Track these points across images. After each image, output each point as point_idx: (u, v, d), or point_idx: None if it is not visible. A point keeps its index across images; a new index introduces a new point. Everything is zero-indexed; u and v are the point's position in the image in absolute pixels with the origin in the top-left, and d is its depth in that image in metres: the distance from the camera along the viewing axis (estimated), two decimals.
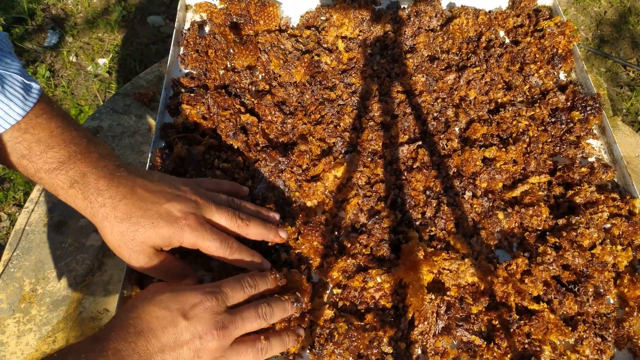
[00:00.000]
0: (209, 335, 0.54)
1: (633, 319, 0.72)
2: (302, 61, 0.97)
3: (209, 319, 0.55)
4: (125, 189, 0.59)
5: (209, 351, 0.55)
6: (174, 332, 0.53)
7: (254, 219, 0.69)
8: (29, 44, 2.18)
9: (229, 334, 0.56)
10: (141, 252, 0.60)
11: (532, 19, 1.06)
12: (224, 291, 0.58)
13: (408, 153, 0.87)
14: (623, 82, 2.26)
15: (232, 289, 0.59)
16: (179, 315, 0.54)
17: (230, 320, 0.57)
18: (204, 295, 0.56)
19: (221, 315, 0.56)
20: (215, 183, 0.73)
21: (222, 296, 0.58)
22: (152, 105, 1.01)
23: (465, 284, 0.73)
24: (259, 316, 0.60)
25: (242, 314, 0.59)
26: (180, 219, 0.60)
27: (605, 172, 0.85)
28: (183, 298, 0.56)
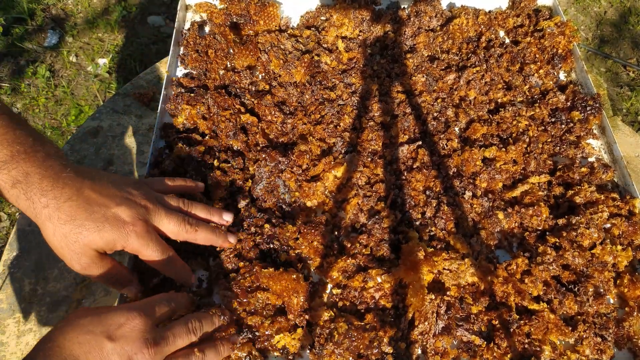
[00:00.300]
0: (140, 354, 0.53)
1: (633, 319, 0.72)
2: (302, 61, 0.97)
3: (137, 338, 0.53)
4: (71, 190, 0.58)
5: None
6: (99, 357, 0.51)
7: (202, 225, 0.69)
8: (29, 44, 2.18)
9: (161, 351, 0.55)
10: (83, 255, 0.59)
11: (532, 19, 1.06)
12: (150, 307, 0.58)
13: (408, 153, 0.87)
14: (623, 82, 2.26)
15: (159, 306, 0.59)
16: (104, 338, 0.52)
17: (161, 337, 0.56)
18: (129, 313, 0.55)
19: (150, 332, 0.55)
20: (166, 183, 0.72)
21: (149, 313, 0.57)
22: (152, 105, 1.01)
23: (465, 284, 0.73)
24: (189, 331, 0.59)
25: (172, 330, 0.58)
26: (127, 225, 0.60)
27: (605, 172, 0.85)
28: (107, 320, 0.54)
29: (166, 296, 0.63)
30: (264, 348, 0.69)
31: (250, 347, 0.68)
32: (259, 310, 0.70)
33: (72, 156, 0.94)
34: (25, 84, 2.06)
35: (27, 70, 2.09)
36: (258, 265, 0.72)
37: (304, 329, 0.69)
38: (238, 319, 0.69)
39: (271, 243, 0.76)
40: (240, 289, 0.70)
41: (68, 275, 0.81)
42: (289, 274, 0.70)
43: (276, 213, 0.80)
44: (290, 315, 0.69)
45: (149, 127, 0.98)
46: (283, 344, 0.68)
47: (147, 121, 0.99)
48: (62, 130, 1.96)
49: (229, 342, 0.66)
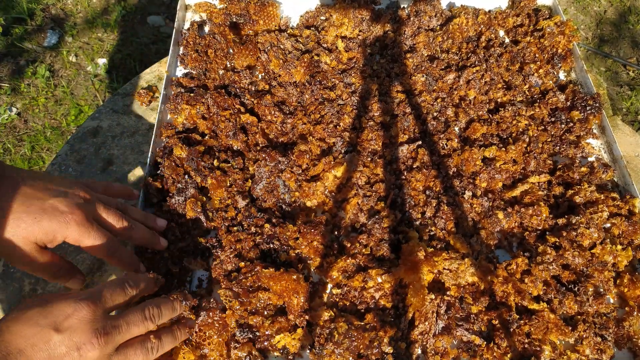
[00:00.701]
0: (89, 345, 0.51)
1: (633, 319, 0.72)
2: (302, 61, 0.97)
3: (85, 328, 0.52)
4: (8, 187, 0.58)
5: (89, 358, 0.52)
6: (46, 349, 0.50)
7: (138, 225, 0.69)
8: (28, 44, 2.18)
9: (112, 340, 0.54)
10: (23, 248, 0.58)
11: (532, 19, 1.06)
12: (101, 295, 0.56)
13: (408, 153, 0.87)
14: (623, 82, 2.26)
15: (111, 292, 0.57)
16: (50, 329, 0.50)
17: (113, 326, 0.54)
18: (77, 303, 0.53)
19: (100, 322, 0.53)
20: (105, 185, 0.73)
21: (99, 302, 0.55)
22: (152, 105, 1.01)
23: (465, 284, 0.73)
24: (145, 318, 0.58)
25: (126, 317, 0.56)
26: (66, 214, 0.59)
27: (605, 172, 0.85)
28: (53, 310, 0.52)
29: (121, 280, 0.60)
30: (264, 348, 0.69)
31: (250, 347, 0.68)
32: (260, 310, 0.70)
33: (72, 156, 0.94)
34: (25, 84, 2.06)
35: (27, 70, 2.09)
36: (259, 265, 0.72)
37: (304, 329, 0.69)
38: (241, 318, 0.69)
39: (271, 243, 0.76)
40: (242, 289, 0.71)
41: None
42: (289, 274, 0.70)
43: (276, 213, 0.80)
44: (290, 316, 0.69)
45: (149, 127, 0.98)
46: (283, 344, 0.68)
47: (147, 121, 0.99)
48: (62, 130, 1.96)
49: (186, 326, 0.65)
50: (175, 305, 0.63)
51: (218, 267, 0.74)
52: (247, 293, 0.70)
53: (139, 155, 0.94)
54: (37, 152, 1.90)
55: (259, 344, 0.68)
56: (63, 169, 0.92)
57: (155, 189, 0.81)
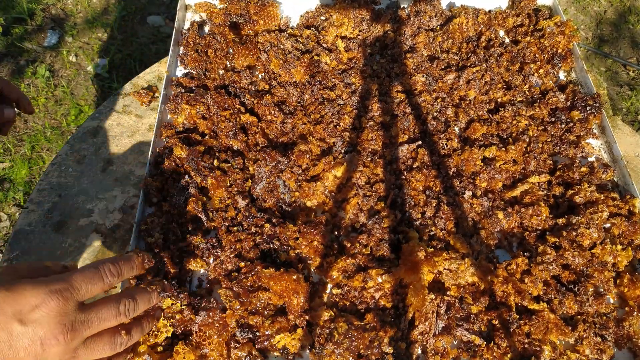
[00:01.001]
0: (53, 340, 0.48)
1: (633, 319, 0.72)
2: (302, 61, 0.97)
3: (52, 323, 0.48)
4: None
5: (53, 356, 0.49)
6: (8, 339, 0.47)
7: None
8: (28, 44, 2.18)
9: (79, 336, 0.50)
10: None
11: (532, 19, 1.06)
12: (74, 286, 0.50)
13: (408, 153, 0.87)
14: (623, 82, 2.26)
15: (87, 282, 0.52)
16: (14, 320, 0.47)
17: (82, 321, 0.50)
18: (47, 294, 0.48)
19: (70, 315, 0.49)
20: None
21: (71, 293, 0.50)
22: (152, 105, 1.01)
23: (465, 284, 0.73)
24: (119, 313, 0.54)
25: (99, 312, 0.52)
26: None
27: (605, 172, 0.85)
28: (20, 299, 0.47)
29: (100, 268, 0.54)
30: (264, 348, 0.69)
31: (250, 347, 0.68)
32: (260, 310, 0.70)
33: (72, 156, 0.94)
34: (25, 84, 2.06)
35: (27, 70, 2.09)
36: (260, 265, 0.72)
37: (304, 329, 0.69)
38: (240, 316, 0.69)
39: (271, 243, 0.76)
40: (242, 289, 0.71)
41: None
42: (289, 275, 0.70)
43: (276, 213, 0.80)
44: (290, 316, 0.69)
45: (149, 127, 0.98)
46: (283, 344, 0.68)
47: (147, 121, 0.99)
48: (62, 130, 1.96)
49: (154, 318, 0.62)
50: (152, 297, 0.60)
51: (218, 267, 0.74)
52: (247, 293, 0.70)
53: (138, 155, 0.94)
54: (37, 152, 1.90)
55: (259, 344, 0.68)
56: (63, 168, 0.93)
57: (155, 189, 0.81)
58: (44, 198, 0.89)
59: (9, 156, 1.88)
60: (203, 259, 0.75)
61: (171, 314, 0.68)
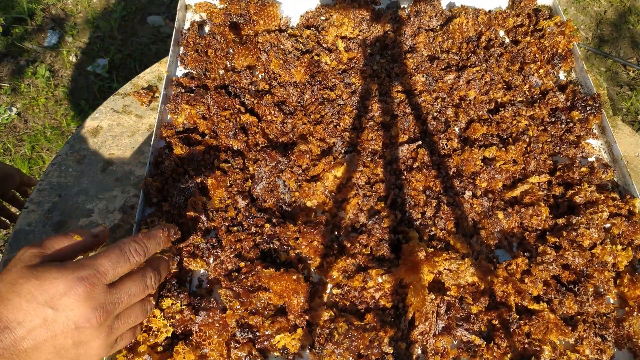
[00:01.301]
0: (86, 323, 0.50)
1: (633, 319, 0.72)
2: (302, 61, 0.97)
3: (83, 307, 0.50)
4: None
5: (89, 335, 0.51)
6: (42, 324, 0.49)
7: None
8: (28, 44, 2.18)
9: (112, 315, 0.53)
10: None
11: (532, 19, 1.06)
12: (100, 271, 0.52)
13: (408, 153, 0.87)
14: (623, 82, 2.26)
15: (113, 264, 0.54)
16: (46, 306, 0.49)
17: (113, 301, 0.53)
18: (75, 281, 0.50)
19: (99, 298, 0.51)
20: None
21: (98, 278, 0.52)
22: (152, 105, 1.01)
23: (465, 284, 0.73)
24: (147, 287, 0.57)
25: (128, 289, 0.55)
26: None
27: (605, 172, 0.85)
28: (49, 287, 0.49)
29: (125, 248, 0.56)
30: (264, 348, 0.69)
31: (250, 347, 0.68)
32: (260, 310, 0.70)
33: (72, 156, 0.94)
34: (25, 84, 2.06)
35: (27, 70, 2.09)
36: (260, 265, 0.72)
37: (304, 329, 0.69)
38: (240, 318, 0.69)
39: (271, 243, 0.76)
40: (242, 289, 0.71)
41: None
42: (289, 275, 0.70)
43: (276, 213, 0.80)
44: (290, 316, 0.69)
45: (149, 127, 0.98)
46: (283, 344, 0.68)
47: (147, 121, 0.99)
48: (62, 130, 1.96)
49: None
50: (170, 264, 0.63)
51: (218, 267, 0.74)
52: (248, 293, 0.70)
53: (139, 155, 0.94)
54: (37, 152, 1.90)
55: (259, 344, 0.68)
56: (63, 169, 0.93)
57: (155, 189, 0.81)
58: (44, 198, 0.89)
59: (9, 156, 1.88)
60: (203, 259, 0.75)
61: (171, 314, 0.68)
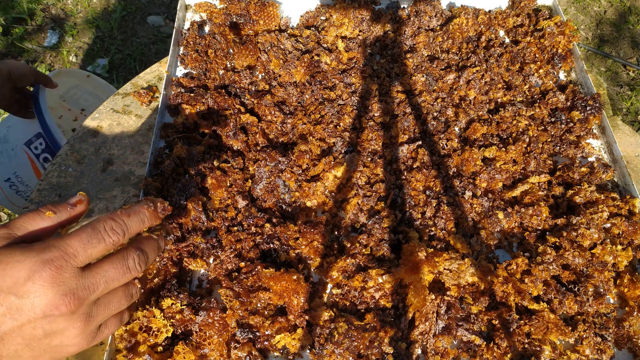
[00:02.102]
0: (55, 310, 0.44)
1: (633, 319, 0.72)
2: (302, 61, 0.97)
3: (50, 293, 0.44)
4: None
5: (62, 324, 0.46)
6: (6, 313, 0.44)
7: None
8: (28, 44, 2.18)
9: (85, 301, 0.46)
10: None
11: (532, 19, 1.06)
12: (69, 252, 0.46)
13: (408, 153, 0.87)
14: (623, 82, 2.26)
15: (84, 244, 0.47)
16: (10, 294, 0.44)
17: (86, 286, 0.46)
18: (39, 265, 0.44)
19: (68, 283, 0.45)
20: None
21: (66, 261, 0.45)
22: (152, 105, 1.01)
23: (465, 284, 0.73)
24: (129, 270, 0.49)
25: (105, 273, 0.48)
26: None
27: (605, 172, 0.85)
28: (12, 271, 0.44)
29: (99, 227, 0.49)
30: (264, 348, 0.69)
31: (250, 347, 0.68)
32: (260, 310, 0.70)
33: (72, 156, 0.94)
34: None
35: None
36: (260, 265, 0.72)
37: (304, 329, 0.69)
38: (240, 318, 0.69)
39: (271, 243, 0.76)
40: (243, 289, 0.71)
41: None
42: (289, 275, 0.70)
43: (276, 213, 0.80)
44: (290, 316, 0.69)
45: (149, 127, 0.98)
46: (283, 344, 0.68)
47: (147, 121, 0.99)
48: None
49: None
50: (160, 244, 0.55)
51: (218, 267, 0.74)
52: (248, 293, 0.70)
53: (139, 155, 0.94)
54: None
55: (259, 344, 0.68)
56: (63, 169, 0.93)
57: (155, 189, 0.81)
58: (44, 198, 0.89)
59: None
60: (203, 259, 0.75)
61: (171, 314, 0.68)
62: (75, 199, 0.53)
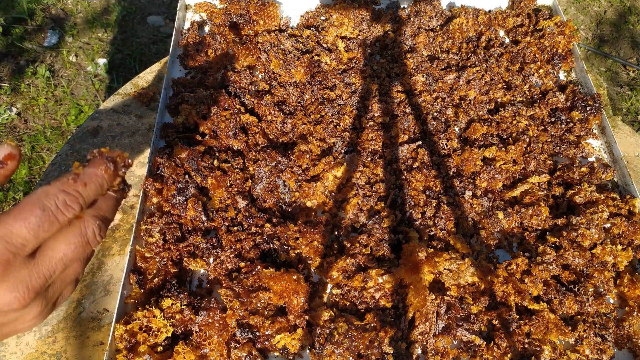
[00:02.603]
0: (7, 307, 0.38)
1: (633, 319, 0.72)
2: (302, 61, 0.97)
3: None
4: None
5: (17, 314, 0.39)
6: None
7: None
8: (28, 44, 2.18)
9: (41, 289, 0.40)
10: None
11: (532, 19, 1.06)
12: (16, 243, 0.38)
13: (408, 153, 0.87)
14: (623, 82, 2.26)
15: (34, 230, 0.38)
16: None
17: (39, 275, 0.39)
18: None
19: (19, 275, 0.38)
20: None
21: (13, 252, 0.37)
22: (152, 105, 1.01)
23: (465, 284, 0.73)
24: (88, 244, 0.42)
25: (62, 255, 0.40)
26: None
27: (605, 172, 0.85)
28: None
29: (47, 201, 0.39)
30: (264, 348, 0.69)
31: (250, 347, 0.68)
32: (260, 310, 0.70)
33: (72, 156, 0.94)
34: (25, 83, 2.06)
35: (27, 70, 2.09)
36: (260, 265, 0.72)
37: (304, 329, 0.69)
38: (240, 318, 0.69)
39: (271, 243, 0.76)
40: (243, 289, 0.71)
41: None
42: (289, 275, 0.70)
43: (276, 213, 0.80)
44: (290, 316, 0.69)
45: (149, 127, 0.98)
46: (283, 344, 0.68)
47: (147, 121, 0.99)
48: (62, 130, 1.96)
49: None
50: (120, 199, 0.46)
51: (218, 267, 0.74)
52: (248, 293, 0.70)
53: (138, 155, 0.94)
54: (37, 152, 1.90)
55: (259, 344, 0.68)
56: (63, 169, 0.92)
57: (155, 189, 0.81)
58: None
59: None
60: (203, 259, 0.75)
61: (171, 314, 0.68)
62: (2, 152, 0.40)
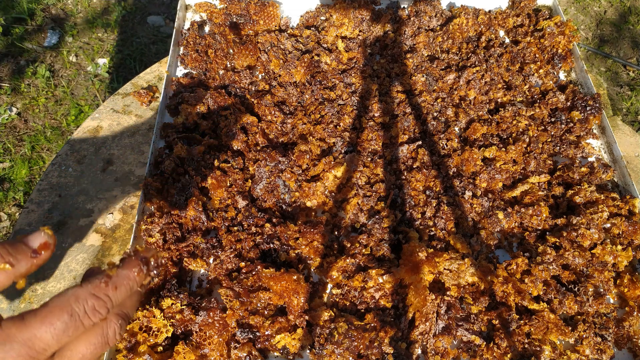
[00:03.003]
0: None
1: (633, 319, 0.72)
2: (302, 61, 0.97)
3: None
4: None
5: None
6: None
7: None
8: (28, 44, 2.18)
9: None
10: None
11: (532, 19, 1.06)
12: (39, 348, 0.35)
13: (408, 153, 0.87)
14: (623, 82, 2.26)
15: (58, 337, 0.36)
16: None
17: None
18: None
19: None
20: None
21: (31, 352, 0.35)
22: (152, 105, 1.01)
23: (465, 284, 0.73)
24: (108, 344, 0.40)
25: (77, 354, 0.39)
26: None
27: (605, 172, 0.85)
28: None
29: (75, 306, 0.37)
30: (264, 348, 0.69)
31: (250, 347, 0.68)
32: (260, 310, 0.70)
33: (72, 156, 0.94)
34: (25, 84, 2.06)
35: (27, 70, 2.09)
36: (260, 265, 0.72)
37: (304, 329, 0.69)
38: (240, 318, 0.69)
39: (271, 243, 0.76)
40: (243, 289, 0.71)
41: (68, 275, 0.81)
42: (289, 275, 0.70)
43: (276, 213, 0.80)
44: (290, 316, 0.69)
45: (149, 127, 0.98)
46: (283, 344, 0.68)
47: (147, 121, 0.99)
48: (62, 130, 1.96)
49: None
50: (140, 296, 0.45)
51: (218, 267, 0.74)
52: (248, 293, 0.70)
53: (139, 155, 0.94)
54: (37, 152, 1.90)
55: (259, 344, 0.68)
56: (63, 168, 0.93)
57: (155, 189, 0.81)
58: (44, 198, 0.89)
59: (9, 156, 1.88)
60: (203, 259, 0.75)
61: (171, 314, 0.68)
62: (38, 241, 0.39)
